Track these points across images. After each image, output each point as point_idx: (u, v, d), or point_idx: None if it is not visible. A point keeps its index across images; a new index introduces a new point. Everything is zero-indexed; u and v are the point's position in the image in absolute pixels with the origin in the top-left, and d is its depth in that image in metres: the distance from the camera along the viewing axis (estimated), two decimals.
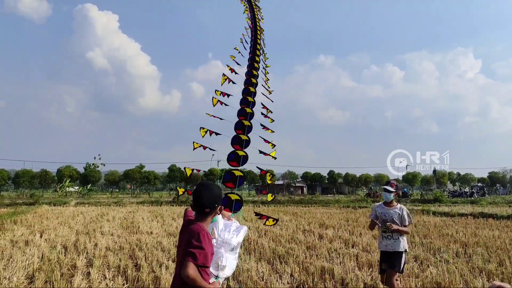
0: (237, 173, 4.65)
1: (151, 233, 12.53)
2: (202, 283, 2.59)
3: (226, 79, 5.69)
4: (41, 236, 11.59)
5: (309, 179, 68.14)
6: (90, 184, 55.50)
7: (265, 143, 5.34)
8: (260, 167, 5.04)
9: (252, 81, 5.76)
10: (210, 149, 4.83)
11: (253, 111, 5.36)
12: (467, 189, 54.44)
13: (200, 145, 4.81)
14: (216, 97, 5.31)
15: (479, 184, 65.04)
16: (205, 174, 57.95)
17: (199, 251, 2.60)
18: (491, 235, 12.13)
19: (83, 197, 41.62)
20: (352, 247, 9.98)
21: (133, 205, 28.80)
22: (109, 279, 6.81)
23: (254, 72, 5.96)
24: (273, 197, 5.66)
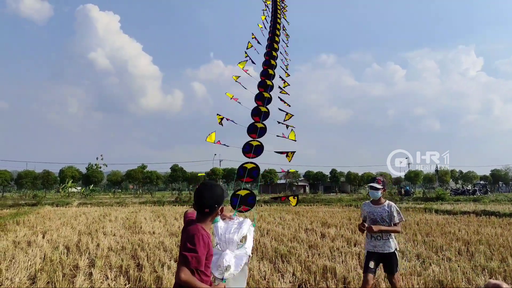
0: (249, 166, 4.58)
1: (153, 233, 12.55)
2: (197, 285, 2.59)
3: (252, 47, 5.75)
4: (44, 237, 11.61)
5: (312, 178, 68.11)
6: (93, 185, 55.60)
7: (282, 129, 5.28)
8: (279, 151, 4.89)
9: (273, 54, 5.80)
10: (225, 145, 4.76)
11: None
12: (470, 187, 54.28)
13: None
14: (237, 74, 5.35)
15: (482, 182, 64.96)
16: (207, 174, 57.96)
17: (192, 255, 2.61)
18: (494, 233, 12.10)
19: (86, 198, 41.72)
20: (355, 246, 9.96)
21: (136, 205, 28.84)
22: (111, 279, 6.82)
23: (275, 46, 6.00)
24: (296, 200, 4.94)
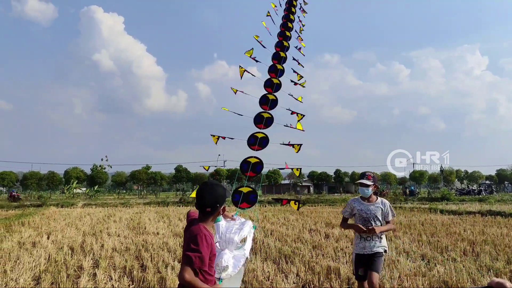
0: (253, 160, 4.54)
1: (158, 234, 12.56)
2: (200, 286, 2.59)
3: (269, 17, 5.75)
4: (48, 238, 11.65)
5: (316, 178, 68.04)
6: (97, 186, 55.80)
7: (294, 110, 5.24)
8: (285, 143, 4.85)
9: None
10: (230, 138, 4.72)
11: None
12: (475, 187, 54.03)
13: (219, 137, 4.73)
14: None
15: (487, 182, 64.71)
16: (211, 175, 58.02)
17: (195, 255, 2.60)
18: (499, 233, 12.03)
19: (90, 199, 41.88)
20: None
21: (140, 206, 28.90)
22: (115, 280, 6.83)
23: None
24: (298, 205, 4.92)
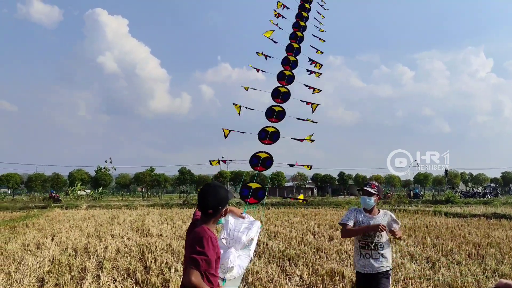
0: (263, 155, 4.51)
1: (161, 236, 12.56)
2: None
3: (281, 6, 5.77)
4: (53, 239, 11.68)
5: (319, 181, 67.91)
6: (101, 187, 55.93)
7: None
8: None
9: (305, 6, 5.78)
10: (240, 132, 4.70)
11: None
12: (480, 190, 53.77)
13: (230, 131, 4.70)
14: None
15: (492, 185, 64.35)
16: (215, 177, 58.07)
17: (202, 257, 2.57)
18: (504, 236, 11.95)
19: (94, 200, 41.96)
20: None
21: (144, 208, 28.92)
22: (119, 282, 6.83)
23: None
24: (304, 201, 5.19)
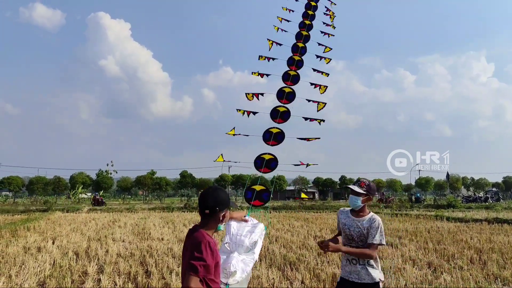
0: (267, 157, 4.46)
1: (162, 240, 12.55)
2: None
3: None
4: (53, 243, 11.67)
5: (321, 185, 67.85)
6: (103, 191, 55.99)
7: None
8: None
9: (312, 4, 5.81)
10: (245, 135, 4.67)
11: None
12: (482, 194, 53.61)
13: (234, 133, 4.66)
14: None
15: (494, 189, 64.23)
16: (216, 180, 58.07)
17: (200, 263, 2.55)
18: (506, 241, 11.90)
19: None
20: None
21: (145, 211, 28.90)
22: (120, 286, 6.82)
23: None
24: (306, 197, 5.12)
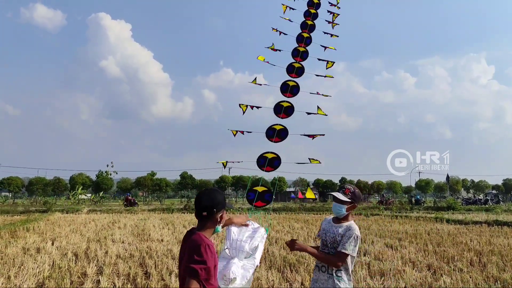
0: (270, 155, 4.42)
1: (162, 241, 12.53)
2: None
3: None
4: (53, 244, 11.65)
5: (321, 186, 67.79)
6: (102, 192, 55.94)
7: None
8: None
9: (314, 1, 5.79)
10: (248, 132, 4.63)
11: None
12: (481, 197, 53.58)
13: (237, 131, 4.62)
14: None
15: (494, 192, 64.13)
16: (216, 182, 58.04)
17: (201, 266, 2.53)
18: (506, 243, 11.89)
19: (95, 205, 41.93)
20: (364, 256, 9.84)
21: (145, 213, 28.86)
22: (119, 287, 6.81)
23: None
24: (313, 197, 5.15)
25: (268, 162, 4.37)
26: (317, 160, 4.64)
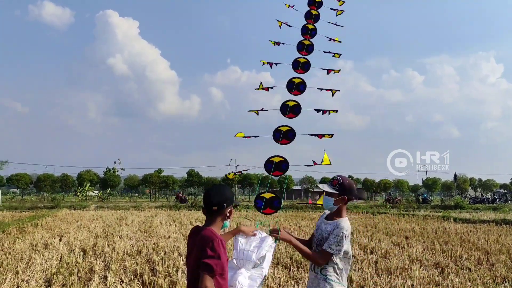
0: (277, 159, 4.36)
1: (169, 238, 12.58)
2: None
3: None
4: (60, 240, 11.74)
5: None
6: (110, 189, 56.22)
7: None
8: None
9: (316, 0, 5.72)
10: (254, 137, 4.56)
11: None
12: (489, 195, 53.15)
13: (244, 136, 4.57)
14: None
15: (502, 190, 63.53)
16: (223, 179, 58.11)
17: (216, 261, 2.51)
18: None
19: (103, 201, 42.21)
20: (371, 253, 9.81)
21: (152, 210, 29.01)
22: (126, 283, 6.84)
23: None
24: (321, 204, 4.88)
25: (276, 166, 4.30)
26: (330, 135, 4.51)
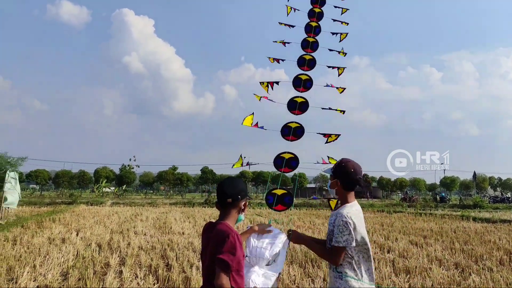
0: (287, 156, 4.25)
1: (183, 234, 12.58)
2: None
3: None
4: (77, 235, 11.84)
5: None
6: (125, 185, 56.86)
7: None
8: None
9: None
10: (263, 128, 4.47)
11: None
12: (510, 195, 52.10)
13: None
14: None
15: None
16: (237, 177, 58.17)
17: (231, 257, 2.41)
18: None
19: (119, 198, 42.67)
20: (388, 253, 9.63)
21: (166, 206, 29.18)
22: (141, 278, 6.82)
23: None
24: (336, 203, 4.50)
25: (286, 163, 4.20)
26: (337, 135, 4.41)
